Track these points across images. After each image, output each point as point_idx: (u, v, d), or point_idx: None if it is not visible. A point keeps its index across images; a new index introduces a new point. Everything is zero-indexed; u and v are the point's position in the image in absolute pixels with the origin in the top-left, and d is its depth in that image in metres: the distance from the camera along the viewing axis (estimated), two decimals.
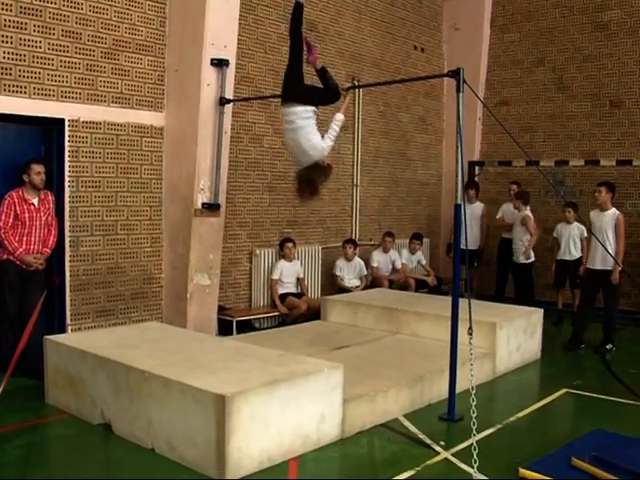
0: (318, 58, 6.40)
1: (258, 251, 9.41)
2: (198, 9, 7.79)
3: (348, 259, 10.17)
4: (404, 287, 10.47)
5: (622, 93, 11.14)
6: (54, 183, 7.26)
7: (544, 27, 11.98)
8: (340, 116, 6.09)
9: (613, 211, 8.33)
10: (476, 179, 12.35)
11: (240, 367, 5.18)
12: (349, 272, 10.21)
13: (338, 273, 10.16)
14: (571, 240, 9.66)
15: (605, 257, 8.10)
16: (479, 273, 11.19)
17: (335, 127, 6.00)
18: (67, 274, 7.43)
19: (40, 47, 7.03)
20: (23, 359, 4.91)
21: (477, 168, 12.56)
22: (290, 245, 9.36)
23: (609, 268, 8.19)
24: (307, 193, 6.11)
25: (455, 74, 5.74)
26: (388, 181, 11.81)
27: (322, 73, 6.14)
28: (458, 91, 5.72)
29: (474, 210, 10.88)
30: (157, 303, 8.33)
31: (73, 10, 7.28)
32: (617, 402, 6.39)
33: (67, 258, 7.43)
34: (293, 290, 9.47)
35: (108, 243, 7.79)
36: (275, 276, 9.31)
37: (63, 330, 7.36)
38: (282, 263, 9.38)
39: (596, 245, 8.18)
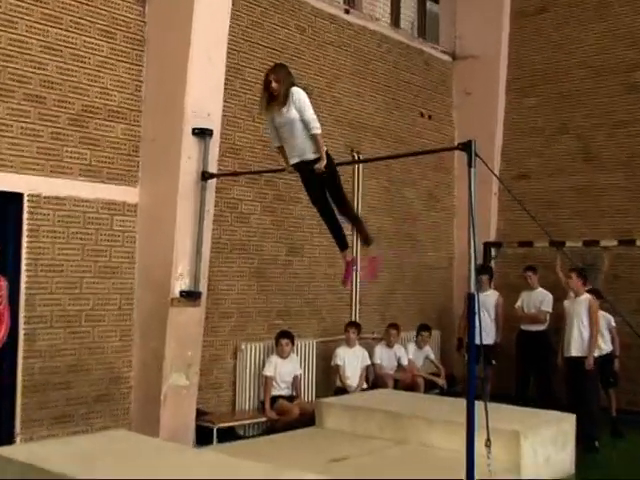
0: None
1: (244, 346, 9.33)
2: (179, 72, 7.96)
3: (350, 345, 10.08)
4: (411, 387, 10.38)
5: None
6: (9, 266, 7.24)
7: (567, 90, 12.18)
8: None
9: (585, 296, 9.22)
10: (492, 263, 12.37)
11: None
12: (350, 362, 10.06)
13: (338, 362, 10.01)
14: (599, 333, 9.47)
15: (583, 344, 9.07)
16: (495, 372, 11.06)
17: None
18: (19, 373, 7.33)
19: None
20: None
21: (493, 250, 12.58)
22: (284, 342, 9.24)
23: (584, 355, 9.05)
24: None
25: (466, 147, 5.80)
26: (392, 265, 11.81)
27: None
28: (470, 166, 5.77)
29: (487, 299, 10.87)
30: (125, 407, 8.21)
31: (37, 72, 7.42)
32: None
33: (20, 354, 7.34)
34: (285, 392, 9.31)
35: (70, 337, 7.73)
36: (269, 372, 9.17)
37: (11, 440, 7.22)
38: (275, 359, 9.25)
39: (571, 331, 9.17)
